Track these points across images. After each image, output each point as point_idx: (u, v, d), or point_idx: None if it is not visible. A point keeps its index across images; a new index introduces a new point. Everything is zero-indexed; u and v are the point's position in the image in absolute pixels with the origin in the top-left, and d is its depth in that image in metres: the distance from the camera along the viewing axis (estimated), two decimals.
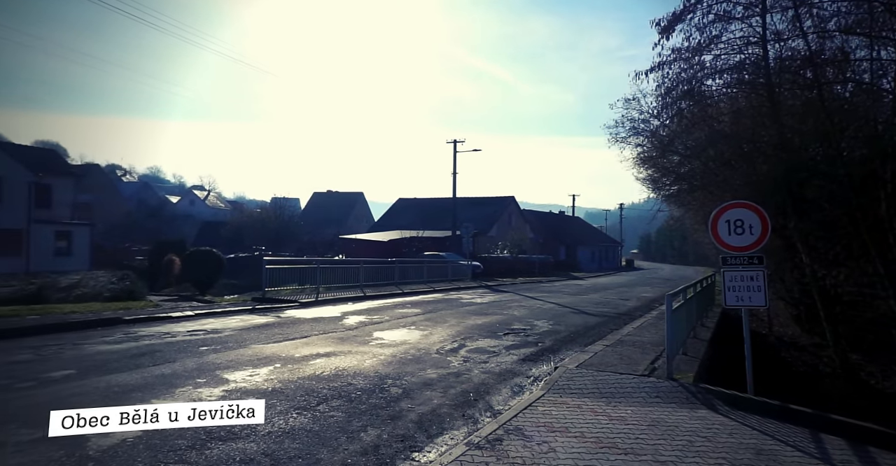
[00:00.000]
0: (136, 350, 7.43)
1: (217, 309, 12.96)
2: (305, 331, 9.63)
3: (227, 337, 8.78)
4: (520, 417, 4.71)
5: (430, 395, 5.49)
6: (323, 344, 8.31)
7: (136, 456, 3.57)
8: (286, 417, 4.54)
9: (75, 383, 5.50)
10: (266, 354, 7.33)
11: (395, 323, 11.09)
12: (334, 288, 18.19)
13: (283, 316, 12.20)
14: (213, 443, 3.86)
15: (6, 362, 6.49)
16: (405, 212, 54.28)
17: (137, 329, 9.54)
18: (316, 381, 5.82)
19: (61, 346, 7.60)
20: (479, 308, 14.78)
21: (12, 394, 5.06)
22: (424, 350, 8.03)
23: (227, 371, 6.23)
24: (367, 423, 4.50)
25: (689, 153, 15.05)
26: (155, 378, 5.79)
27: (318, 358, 7.10)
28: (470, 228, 30.65)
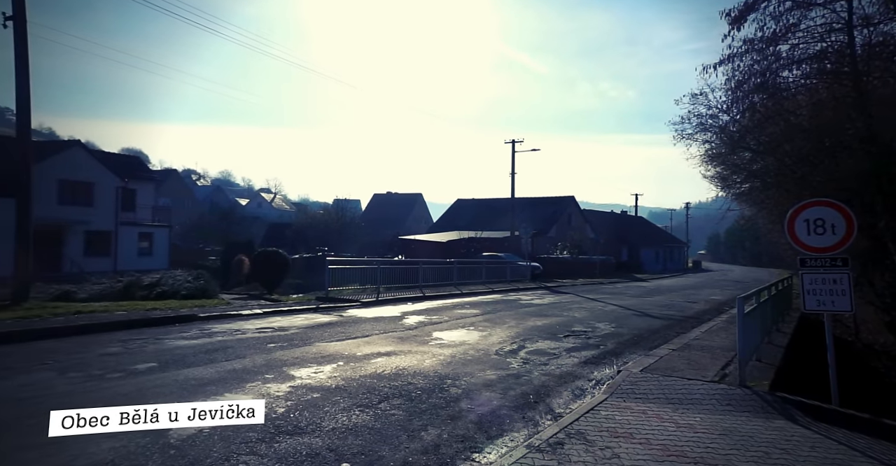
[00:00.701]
0: (210, 345, 7.84)
1: (283, 307, 13.47)
2: (366, 330, 9.84)
3: (292, 335, 9.10)
4: (581, 421, 4.61)
5: (489, 396, 5.47)
6: (383, 343, 8.47)
7: (212, 446, 3.77)
8: (349, 414, 4.66)
9: (157, 375, 5.87)
10: (329, 352, 7.55)
11: (454, 324, 11.14)
12: (394, 289, 18.49)
13: (345, 315, 12.51)
14: (281, 437, 4.02)
15: (99, 354, 7.02)
16: (463, 212, 54.41)
17: (211, 325, 10.07)
18: (377, 379, 5.94)
19: (145, 340, 8.14)
20: (539, 309, 14.60)
21: (105, 383, 5.46)
22: (483, 351, 8.02)
23: (293, 367, 6.47)
24: (427, 422, 4.54)
25: (763, 149, 14.24)
26: (227, 372, 6.09)
27: (379, 357, 7.24)
28: (528, 229, 30.34)
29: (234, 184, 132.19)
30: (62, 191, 29.70)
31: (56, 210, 28.41)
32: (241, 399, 4.97)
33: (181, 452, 3.64)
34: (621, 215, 66.57)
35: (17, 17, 12.28)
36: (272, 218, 77.05)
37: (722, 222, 45.93)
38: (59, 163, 29.45)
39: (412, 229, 61.08)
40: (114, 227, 32.63)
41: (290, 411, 4.67)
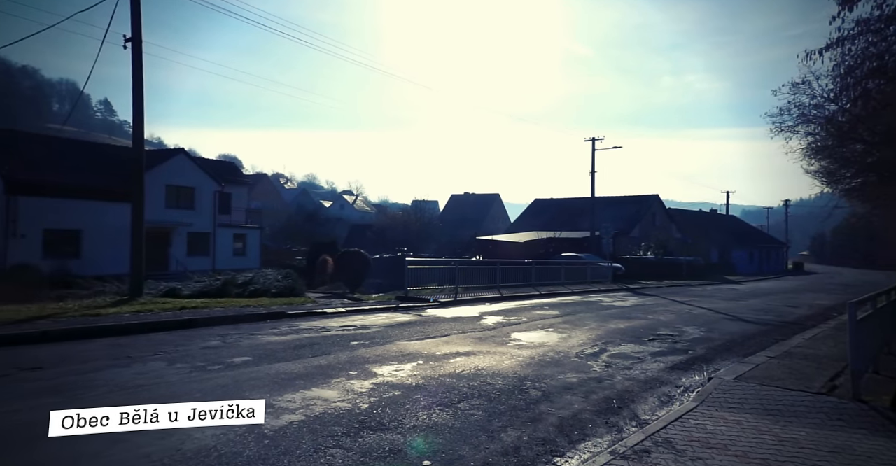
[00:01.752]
0: (297, 342, 8.24)
1: (365, 306, 13.90)
2: (445, 330, 9.94)
3: (374, 333, 9.38)
4: (669, 429, 4.40)
5: (570, 399, 5.36)
6: (462, 343, 8.52)
7: (301, 438, 3.96)
8: (429, 412, 4.72)
9: (251, 368, 6.26)
10: (409, 351, 7.70)
11: (532, 325, 11.01)
12: (472, 289, 18.55)
13: (424, 314, 12.71)
14: (365, 432, 4.14)
15: (201, 347, 7.59)
16: (541, 212, 53.63)
17: (298, 323, 10.59)
18: (456, 379, 5.99)
19: (240, 335, 8.70)
20: (621, 311, 14.10)
21: (206, 375, 5.90)
22: (563, 353, 7.87)
23: (375, 365, 6.66)
24: (506, 424, 4.51)
25: (878, 140, 12.91)
26: (314, 368, 6.37)
27: (458, 357, 7.29)
28: (610, 229, 29.39)
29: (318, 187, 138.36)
30: (169, 195, 32.39)
31: (163, 213, 31.01)
32: (325, 393, 5.20)
33: (274, 442, 3.85)
34: (710, 214, 62.87)
35: (135, 38, 13.52)
36: (354, 219, 79.83)
37: (827, 220, 42.09)
38: (166, 169, 32.13)
39: (490, 229, 61.01)
40: (212, 229, 35.15)
41: (372, 407, 4.81)
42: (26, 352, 6.95)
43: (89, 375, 5.74)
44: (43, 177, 26.78)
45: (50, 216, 26.61)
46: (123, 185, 20.90)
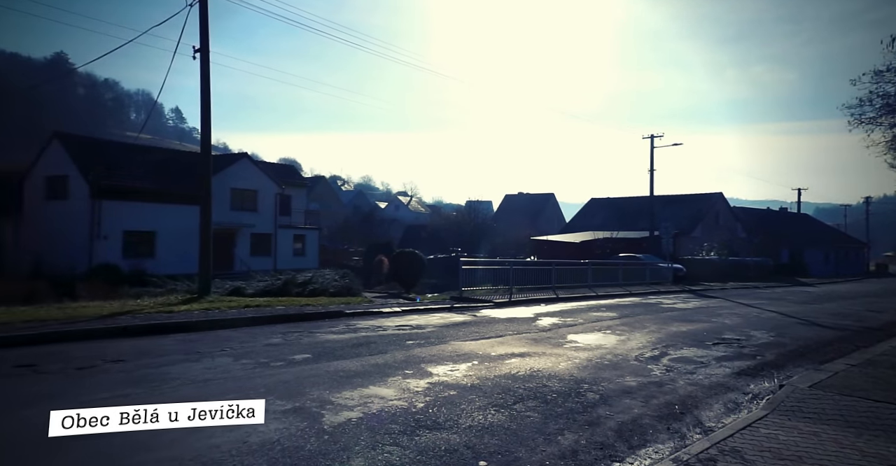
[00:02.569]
0: (355, 340, 8.43)
1: (420, 306, 14.04)
2: (500, 331, 9.90)
3: (429, 333, 9.45)
4: (737, 437, 4.20)
5: (629, 404, 5.21)
6: (517, 344, 8.46)
7: (360, 435, 4.04)
8: (485, 413, 4.72)
9: (311, 366, 6.45)
10: (464, 351, 7.72)
11: (589, 327, 10.79)
12: (526, 289, 18.39)
13: (479, 315, 12.70)
14: (421, 431, 4.19)
15: (264, 344, 7.90)
16: (598, 212, 52.47)
17: (355, 321, 10.83)
18: (511, 380, 5.95)
19: (300, 333, 8.98)
20: (683, 314, 13.60)
21: (269, 371, 6.13)
22: (622, 356, 7.66)
23: (430, 364, 6.72)
24: (563, 426, 4.45)
25: None
26: (371, 366, 6.50)
27: (513, 358, 7.24)
28: (670, 228, 28.39)
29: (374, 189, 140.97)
30: (233, 198, 33.89)
31: (228, 215, 32.47)
32: (382, 392, 5.29)
33: (333, 438, 3.96)
34: (780, 212, 59.57)
35: (203, 49, 14.25)
36: (408, 220, 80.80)
37: None
38: (231, 173, 33.63)
39: (544, 229, 60.24)
40: (273, 230, 36.49)
41: (428, 406, 4.85)
42: (111, 346, 7.45)
43: (164, 368, 6.09)
44: (122, 182, 28.67)
45: (129, 218, 28.45)
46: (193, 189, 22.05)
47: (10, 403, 4.63)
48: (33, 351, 6.90)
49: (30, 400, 4.73)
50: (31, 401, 4.71)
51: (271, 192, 36.28)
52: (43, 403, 4.64)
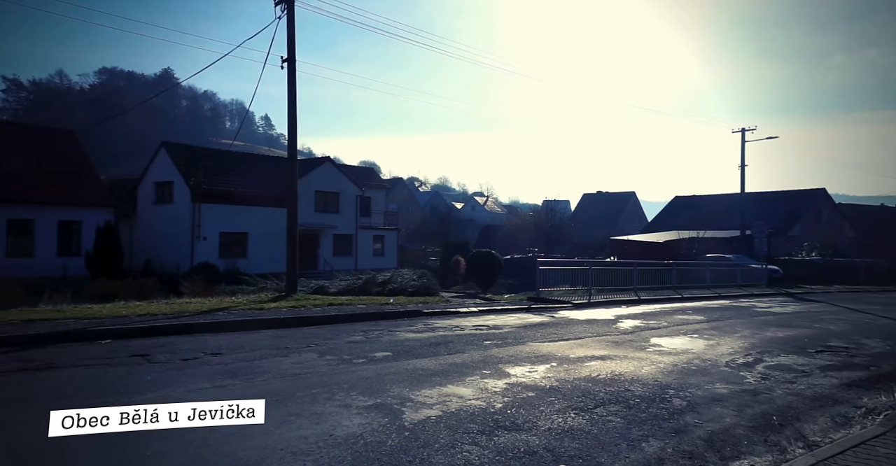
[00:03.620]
0: (433, 339, 8.56)
1: (496, 306, 14.03)
2: (579, 333, 9.69)
3: (506, 334, 9.43)
4: (848, 455, 3.86)
5: (720, 412, 4.94)
6: (597, 346, 8.25)
7: (439, 433, 4.12)
8: (564, 416, 4.64)
9: (391, 363, 6.64)
10: (542, 352, 7.63)
11: (674, 330, 10.32)
12: (606, 291, 17.87)
13: (557, 316, 12.50)
14: (500, 432, 4.19)
15: (347, 341, 8.22)
16: (682, 210, 49.97)
17: (433, 321, 10.99)
18: (592, 383, 5.81)
19: (380, 332, 9.26)
20: (780, 318, 12.67)
21: (352, 367, 6.38)
22: (710, 361, 7.27)
23: (508, 365, 6.70)
24: (647, 433, 4.29)
25: None
26: (449, 365, 6.58)
27: (593, 361, 7.07)
28: (763, 227, 26.53)
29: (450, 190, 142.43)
30: (317, 200, 35.48)
31: (313, 216, 34.01)
32: (460, 391, 5.34)
33: (413, 434, 4.05)
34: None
35: (290, 59, 15.05)
36: (485, 220, 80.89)
37: None
38: (315, 176, 35.22)
39: (625, 229, 58.22)
40: (354, 231, 37.80)
41: (506, 407, 4.84)
42: (210, 339, 8.06)
43: (256, 362, 6.49)
44: (218, 187, 30.87)
45: (224, 221, 30.58)
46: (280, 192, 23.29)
47: (129, 390, 5.12)
48: (146, 343, 7.59)
49: (145, 388, 5.21)
50: (148, 388, 5.19)
51: (352, 194, 37.61)
52: (159, 390, 5.11)
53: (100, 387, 5.17)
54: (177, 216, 30.46)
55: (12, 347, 7.04)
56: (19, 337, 7.37)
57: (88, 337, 7.75)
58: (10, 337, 7.31)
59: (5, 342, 7.16)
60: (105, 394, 4.89)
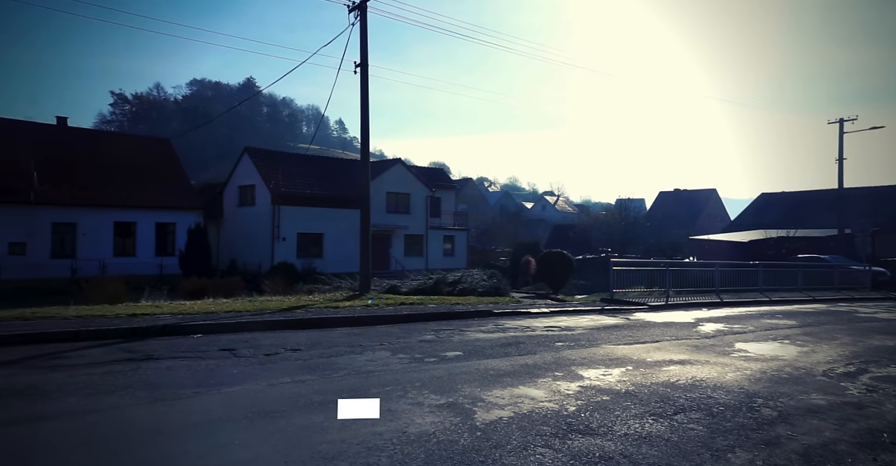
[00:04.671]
0: (504, 340, 8.51)
1: (568, 307, 13.75)
2: (656, 336, 9.31)
3: (579, 336, 9.22)
4: None
5: (817, 425, 4.57)
6: (675, 350, 7.88)
7: (511, 434, 4.08)
8: (641, 421, 4.47)
9: (462, 363, 6.66)
10: (617, 355, 7.39)
11: (761, 335, 9.68)
12: (685, 293, 17.07)
13: (632, 318, 12.08)
14: (573, 435, 4.10)
15: (418, 340, 8.35)
16: (769, 208, 46.87)
17: (504, 321, 10.94)
18: (671, 389, 5.56)
19: (451, 331, 9.32)
20: (889, 325, 11.58)
21: (424, 366, 6.47)
22: (805, 369, 6.75)
23: (581, 367, 6.55)
24: (734, 443, 4.04)
25: None
26: (520, 366, 6.52)
27: (672, 365, 6.77)
28: (866, 225, 24.34)
29: (520, 189, 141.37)
30: (388, 201, 36.32)
31: (384, 217, 34.85)
32: (531, 392, 5.27)
33: (485, 434, 4.05)
34: None
35: (363, 64, 15.51)
36: (555, 219, 79.58)
37: None
38: (387, 178, 36.06)
39: (705, 228, 55.34)
40: (425, 231, 38.32)
41: (580, 410, 4.73)
42: (290, 336, 8.44)
43: (332, 359, 6.73)
44: (296, 189, 32.31)
45: (301, 222, 31.98)
46: (353, 193, 24.01)
47: (218, 382, 5.46)
48: (232, 338, 8.07)
49: (232, 380, 5.54)
50: (235, 381, 5.51)
51: (423, 195, 38.16)
52: (244, 382, 5.41)
53: (193, 379, 5.54)
54: (258, 218, 32.19)
55: (120, 339, 7.70)
56: (125, 329, 8.05)
57: (182, 331, 8.34)
58: (118, 329, 8.01)
59: (114, 334, 7.86)
60: (197, 385, 5.25)
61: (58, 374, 5.61)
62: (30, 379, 5.41)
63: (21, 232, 26.14)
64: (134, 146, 34.01)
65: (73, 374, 5.61)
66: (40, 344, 7.19)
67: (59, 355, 6.56)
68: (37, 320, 8.49)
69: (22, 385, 5.15)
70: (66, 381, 5.31)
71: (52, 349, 6.89)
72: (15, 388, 5.02)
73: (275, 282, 17.67)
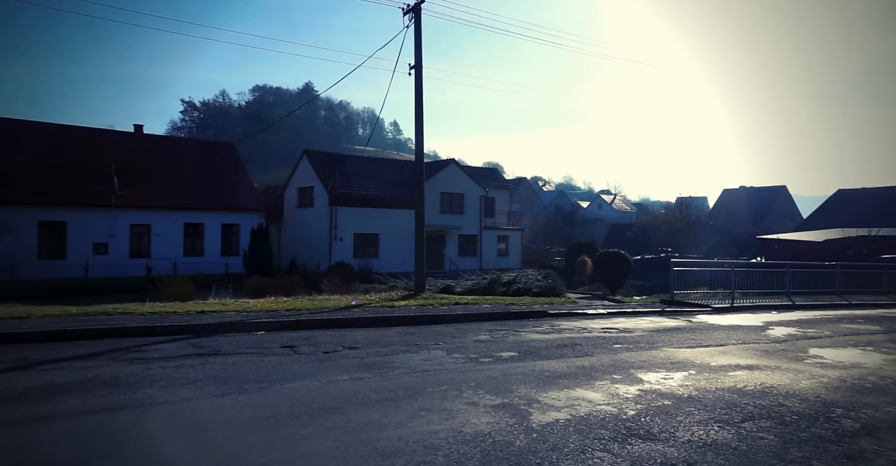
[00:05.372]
0: (559, 341, 8.39)
1: (626, 308, 13.39)
2: (720, 339, 8.92)
3: (638, 338, 8.95)
4: None
5: None
6: (742, 355, 7.52)
7: (568, 436, 4.02)
8: (706, 428, 4.29)
9: (517, 364, 6.61)
10: (679, 359, 7.14)
11: (839, 341, 9.09)
12: (752, 295, 16.29)
13: (694, 320, 11.63)
14: (633, 440, 3.99)
15: (473, 340, 8.36)
16: (846, 205, 43.94)
17: (559, 322, 10.77)
18: (738, 395, 5.31)
19: (506, 332, 9.27)
20: None
21: (479, 366, 6.47)
22: (893, 379, 6.27)
23: (640, 370, 6.36)
24: (809, 455, 3.81)
25: None
26: (577, 368, 6.40)
27: (738, 370, 6.46)
28: None
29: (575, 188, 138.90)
30: (442, 201, 36.52)
31: (438, 218, 35.08)
32: (589, 395, 5.17)
33: (542, 436, 4.00)
34: None
35: (417, 66, 15.69)
36: (612, 219, 77.66)
37: None
38: (440, 178, 36.29)
39: (774, 227, 52.47)
40: (478, 231, 38.28)
41: (640, 415, 4.60)
42: (347, 334, 8.65)
43: (388, 357, 6.84)
44: (352, 191, 33.06)
45: (358, 222, 32.69)
46: (408, 194, 24.31)
47: (280, 378, 5.67)
48: (293, 335, 8.35)
49: (293, 377, 5.73)
50: (296, 377, 5.71)
51: (476, 195, 38.14)
52: (305, 379, 5.60)
53: (257, 374, 5.78)
54: (316, 218, 33.15)
55: (190, 334, 8.13)
56: (194, 326, 8.49)
57: (246, 328, 8.71)
58: (188, 325, 8.45)
59: (185, 330, 8.30)
60: (261, 381, 5.46)
61: (136, 366, 5.99)
62: (113, 370, 5.80)
63: (104, 233, 28.07)
64: (201, 151, 35.84)
65: (150, 367, 5.97)
66: (121, 338, 7.69)
67: (137, 349, 7.00)
68: (118, 315, 9.08)
69: (107, 375, 5.53)
70: (143, 373, 5.66)
71: (131, 343, 7.36)
72: (101, 378, 5.40)
73: (332, 282, 18.14)
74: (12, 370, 5.74)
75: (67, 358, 6.32)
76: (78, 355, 6.51)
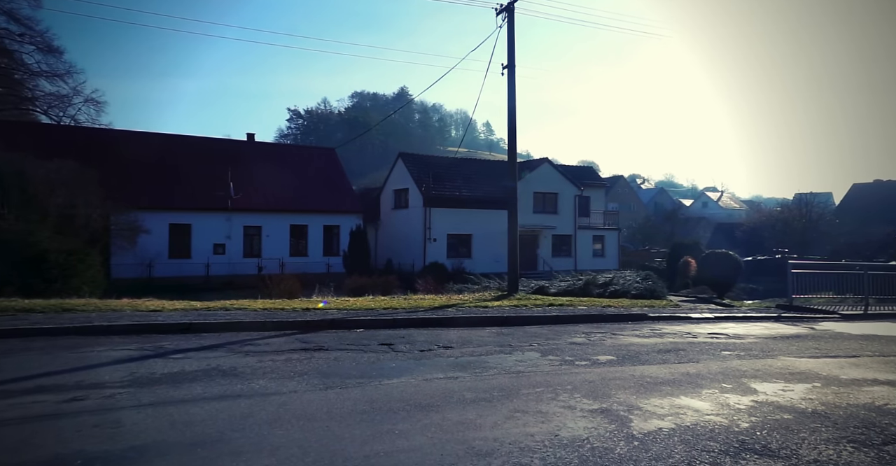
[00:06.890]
0: (661, 346, 7.97)
1: (736, 313, 12.48)
2: (851, 350, 8.04)
3: (750, 345, 8.30)
4: None
5: None
6: (880, 368, 6.72)
7: (672, 447, 3.81)
8: (836, 448, 3.88)
9: (615, 368, 6.37)
10: (800, 369, 6.52)
11: None
12: (891, 301, 14.49)
13: (818, 328, 10.58)
14: (748, 455, 3.70)
15: (568, 342, 8.17)
16: None
17: (661, 326, 10.24)
18: (876, 413, 4.74)
19: (603, 334, 8.97)
20: None
21: (575, 369, 6.31)
22: None
23: (753, 380, 5.88)
24: None
25: None
26: (681, 375, 6.05)
27: (876, 385, 5.78)
28: None
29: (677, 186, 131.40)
30: (536, 201, 36.06)
31: (532, 218, 34.67)
32: (695, 404, 4.86)
33: (644, 445, 3.82)
34: None
35: (510, 65, 15.64)
36: (719, 217, 72.58)
37: None
38: (534, 178, 35.86)
39: None
40: (573, 231, 37.38)
41: (754, 428, 4.25)
42: (442, 333, 8.79)
43: (483, 357, 6.86)
44: (446, 192, 33.59)
45: (451, 223, 33.15)
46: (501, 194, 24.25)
47: (379, 374, 5.89)
48: (390, 333, 8.63)
49: (391, 373, 5.93)
50: (393, 374, 5.90)
51: (571, 194, 37.28)
52: (401, 376, 5.77)
53: (357, 370, 6.04)
54: (411, 219, 34.02)
55: (296, 330, 8.67)
56: (300, 322, 9.04)
57: (347, 325, 9.13)
58: (295, 322, 9.03)
59: (292, 325, 8.88)
60: (361, 376, 5.71)
61: (250, 359, 6.48)
62: (231, 361, 6.32)
63: (221, 234, 30.75)
64: (305, 156, 38.11)
65: (262, 359, 6.44)
66: (237, 332, 8.37)
67: (251, 342, 7.58)
68: (234, 310, 9.89)
69: (226, 366, 6.04)
70: (256, 365, 6.12)
71: (245, 336, 7.99)
72: (221, 368, 5.91)
73: (426, 281, 18.53)
74: (152, 357, 6.44)
75: (194, 348, 6.98)
76: (202, 346, 7.17)
